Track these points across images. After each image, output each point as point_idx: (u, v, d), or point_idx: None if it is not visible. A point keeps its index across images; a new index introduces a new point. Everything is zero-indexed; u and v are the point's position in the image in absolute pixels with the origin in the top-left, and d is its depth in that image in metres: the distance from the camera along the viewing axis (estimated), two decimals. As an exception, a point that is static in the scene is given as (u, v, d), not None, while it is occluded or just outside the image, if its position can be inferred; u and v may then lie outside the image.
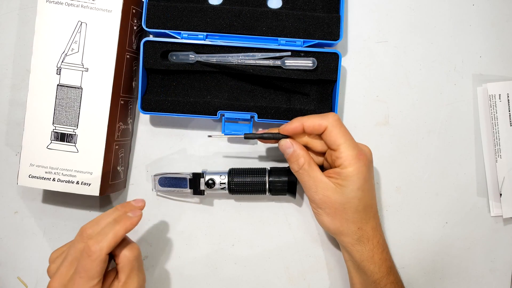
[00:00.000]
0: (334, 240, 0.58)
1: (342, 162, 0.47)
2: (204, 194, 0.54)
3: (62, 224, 0.58)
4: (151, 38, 0.54)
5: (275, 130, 0.51)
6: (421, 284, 0.58)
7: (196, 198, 0.58)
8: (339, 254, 0.58)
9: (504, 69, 0.59)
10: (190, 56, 0.53)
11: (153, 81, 0.56)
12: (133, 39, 0.54)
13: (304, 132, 0.49)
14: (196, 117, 0.56)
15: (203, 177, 0.54)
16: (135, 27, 0.54)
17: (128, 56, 0.54)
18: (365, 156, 0.48)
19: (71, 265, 0.44)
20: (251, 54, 0.53)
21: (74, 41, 0.51)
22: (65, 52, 0.51)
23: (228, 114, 0.54)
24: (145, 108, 0.54)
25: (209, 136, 0.54)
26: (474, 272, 0.58)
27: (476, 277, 0.58)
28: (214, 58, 0.53)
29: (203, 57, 0.53)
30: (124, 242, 0.47)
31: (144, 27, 0.54)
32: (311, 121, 0.48)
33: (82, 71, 0.51)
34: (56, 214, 0.58)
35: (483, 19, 0.59)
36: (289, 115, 0.54)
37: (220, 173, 0.54)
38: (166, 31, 0.54)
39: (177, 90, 0.56)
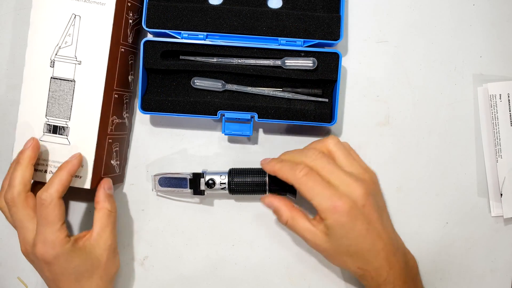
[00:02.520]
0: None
1: (319, 214, 0.46)
2: (204, 194, 0.54)
3: (62, 224, 0.58)
4: (151, 38, 0.54)
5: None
6: (421, 284, 0.58)
7: (196, 198, 0.58)
8: (339, 254, 0.58)
9: (504, 69, 0.58)
10: (217, 84, 0.54)
11: (153, 81, 0.56)
12: (128, 33, 0.54)
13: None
14: (196, 117, 0.56)
15: (203, 177, 0.54)
16: (130, 21, 0.54)
17: (123, 49, 0.53)
18: (343, 205, 0.45)
19: (30, 224, 0.47)
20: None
21: (67, 34, 0.50)
22: (59, 45, 0.51)
23: (228, 114, 0.54)
24: (145, 108, 0.54)
25: None
26: (474, 272, 0.58)
27: (476, 277, 0.58)
28: (214, 58, 0.54)
29: (229, 86, 0.54)
30: (108, 197, 0.51)
31: (144, 27, 0.54)
32: (282, 174, 0.48)
33: (75, 64, 0.51)
34: (56, 214, 0.58)
35: (484, 19, 0.59)
36: (289, 115, 0.54)
37: (220, 173, 0.54)
38: (166, 31, 0.54)
39: (177, 90, 0.56)
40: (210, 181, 0.53)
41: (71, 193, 0.58)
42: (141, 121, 0.59)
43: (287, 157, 0.50)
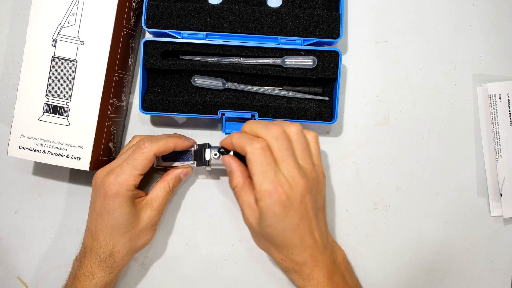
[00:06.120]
0: (334, 240, 0.58)
1: (255, 194, 0.45)
2: (208, 165, 0.53)
3: (62, 224, 0.58)
4: (151, 38, 0.54)
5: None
6: (421, 284, 0.58)
7: (200, 173, 0.58)
8: (339, 254, 0.58)
9: (504, 69, 0.59)
10: (218, 83, 0.54)
11: (154, 81, 0.56)
12: (131, 16, 0.54)
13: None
14: (197, 117, 0.56)
15: (208, 147, 0.53)
16: (133, 3, 0.54)
17: (125, 32, 0.53)
18: (280, 194, 0.44)
19: (121, 159, 0.50)
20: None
21: (71, 13, 0.50)
22: (62, 24, 0.50)
23: (229, 114, 0.54)
24: (146, 108, 0.54)
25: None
26: (474, 272, 0.58)
27: (476, 277, 0.58)
28: (214, 57, 0.54)
29: (230, 85, 0.53)
30: (178, 178, 0.53)
31: (144, 27, 0.54)
32: (239, 141, 0.47)
33: (78, 44, 0.51)
34: (56, 214, 0.58)
35: (483, 19, 0.59)
36: (290, 114, 0.54)
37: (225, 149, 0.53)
38: (166, 31, 0.54)
39: (178, 89, 0.56)
40: (215, 155, 0.53)
41: (75, 199, 0.58)
42: (142, 121, 0.59)
43: (248, 126, 0.48)
